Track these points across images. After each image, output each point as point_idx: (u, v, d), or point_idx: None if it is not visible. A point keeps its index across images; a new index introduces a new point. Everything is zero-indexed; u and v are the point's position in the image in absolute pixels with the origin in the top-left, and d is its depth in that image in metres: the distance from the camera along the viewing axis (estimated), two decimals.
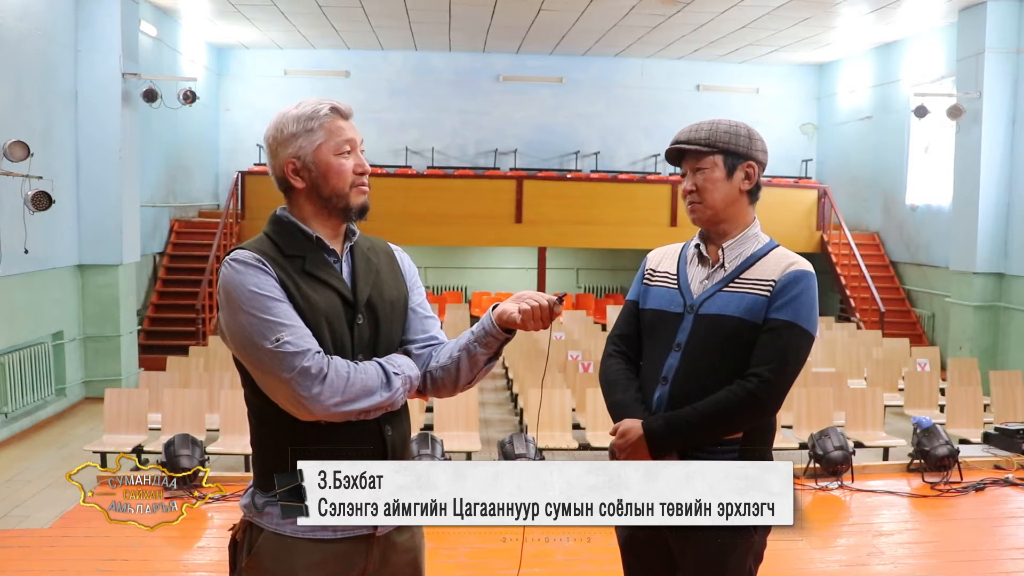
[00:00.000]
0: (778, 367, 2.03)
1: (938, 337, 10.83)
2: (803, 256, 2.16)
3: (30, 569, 4.47)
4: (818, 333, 2.12)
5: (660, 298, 2.22)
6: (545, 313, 1.79)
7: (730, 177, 2.14)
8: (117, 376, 8.63)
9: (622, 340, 2.29)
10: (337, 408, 1.72)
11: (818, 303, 2.11)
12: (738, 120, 2.20)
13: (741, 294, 2.09)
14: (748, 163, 2.15)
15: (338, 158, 1.80)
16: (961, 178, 9.95)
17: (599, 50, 13.25)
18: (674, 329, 2.15)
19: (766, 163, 2.20)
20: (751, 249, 2.15)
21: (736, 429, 2.07)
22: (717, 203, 2.15)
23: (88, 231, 8.56)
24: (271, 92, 13.25)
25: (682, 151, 2.19)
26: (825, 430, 6.04)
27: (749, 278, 2.11)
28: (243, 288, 1.72)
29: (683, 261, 2.24)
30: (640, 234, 11.93)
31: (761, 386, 2.02)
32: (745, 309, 2.07)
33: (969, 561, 4.73)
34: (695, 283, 2.17)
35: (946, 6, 9.88)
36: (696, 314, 2.12)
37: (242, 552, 1.82)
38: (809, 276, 2.09)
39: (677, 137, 2.21)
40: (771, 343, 2.04)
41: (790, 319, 2.04)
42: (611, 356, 2.28)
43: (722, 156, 2.14)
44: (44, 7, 7.85)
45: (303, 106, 1.82)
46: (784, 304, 2.05)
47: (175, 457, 5.56)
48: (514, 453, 5.75)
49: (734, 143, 2.14)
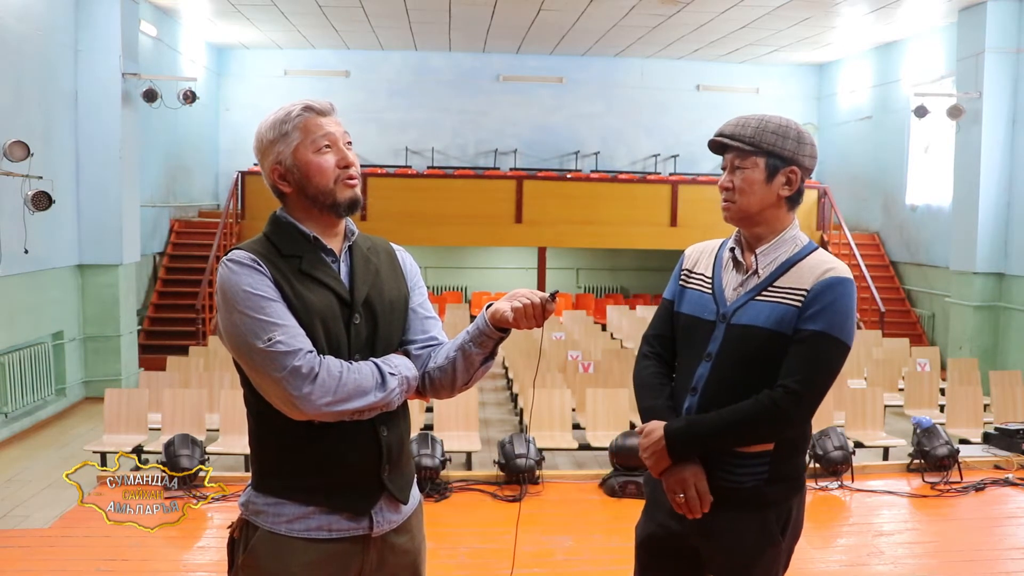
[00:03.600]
0: (806, 379, 1.95)
1: (938, 337, 10.83)
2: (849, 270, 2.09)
3: (30, 569, 4.47)
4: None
5: (694, 303, 2.15)
6: (538, 311, 1.77)
7: (770, 181, 2.04)
8: (117, 376, 8.63)
9: (658, 341, 2.23)
10: (328, 408, 1.71)
11: (855, 310, 2.01)
12: (789, 120, 2.08)
13: (773, 304, 2.01)
14: (791, 168, 2.05)
15: (317, 155, 1.79)
16: (961, 178, 9.94)
17: (599, 50, 13.25)
18: (706, 338, 2.09)
19: (813, 169, 2.10)
20: (786, 254, 2.06)
21: (760, 439, 2.01)
22: (751, 206, 2.06)
23: (88, 231, 8.56)
24: (271, 92, 13.25)
25: (724, 145, 2.09)
26: (825, 430, 6.04)
27: (782, 286, 2.02)
28: (237, 288, 1.72)
29: (719, 264, 2.16)
30: (640, 234, 11.94)
31: (787, 397, 1.94)
32: (776, 320, 2.00)
33: (969, 561, 4.73)
34: (729, 289, 2.10)
35: (946, 6, 9.87)
36: (728, 323, 2.06)
37: (239, 550, 1.82)
38: (845, 283, 1.99)
39: (722, 129, 2.10)
40: (800, 354, 1.96)
41: (822, 329, 1.95)
42: (646, 357, 2.23)
43: (765, 158, 2.04)
44: (44, 7, 7.85)
45: (279, 111, 1.81)
46: (816, 313, 1.96)
47: (175, 457, 5.56)
48: (514, 453, 5.75)
49: (780, 145, 2.03)
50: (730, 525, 2.04)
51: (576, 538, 4.94)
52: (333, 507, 1.79)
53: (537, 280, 12.55)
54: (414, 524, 1.93)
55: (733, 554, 2.06)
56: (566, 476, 6.09)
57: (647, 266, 14.54)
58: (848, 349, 2.00)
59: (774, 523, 2.05)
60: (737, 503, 2.03)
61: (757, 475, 2.03)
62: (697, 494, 2.01)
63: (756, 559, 2.05)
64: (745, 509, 2.04)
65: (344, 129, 1.85)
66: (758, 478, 2.03)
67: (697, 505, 2.02)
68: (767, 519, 2.05)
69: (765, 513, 2.04)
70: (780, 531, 2.07)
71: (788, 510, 2.08)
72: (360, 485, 1.81)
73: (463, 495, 5.69)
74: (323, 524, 1.79)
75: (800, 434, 2.09)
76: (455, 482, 5.82)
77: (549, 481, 5.92)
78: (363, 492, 1.81)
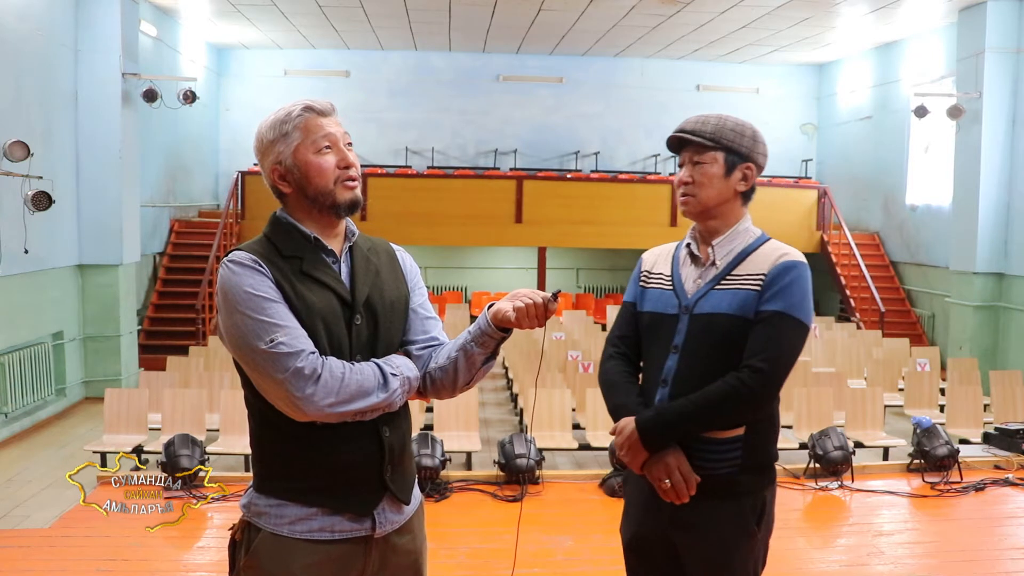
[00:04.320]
0: (770, 357, 2.00)
1: (938, 337, 10.83)
2: (804, 256, 2.15)
3: (30, 569, 4.47)
4: (813, 324, 2.13)
5: (656, 300, 2.21)
6: (540, 311, 1.78)
7: (728, 176, 2.13)
8: (117, 376, 8.63)
9: (622, 341, 2.28)
10: (331, 409, 1.71)
11: (811, 293, 2.08)
12: (745, 120, 2.18)
13: (733, 291, 2.08)
14: (747, 164, 2.14)
15: (317, 156, 1.78)
16: (961, 178, 9.94)
17: (599, 50, 13.25)
18: (671, 331, 2.14)
19: (764, 166, 2.20)
20: (742, 245, 2.15)
21: (731, 421, 2.06)
22: (710, 199, 2.14)
23: (88, 231, 8.56)
24: (271, 92, 13.25)
25: (684, 140, 2.16)
26: (825, 430, 6.04)
27: (740, 274, 2.10)
28: (239, 289, 1.72)
29: (676, 262, 2.23)
30: (640, 234, 11.93)
31: (753, 376, 2.00)
32: (737, 306, 2.06)
33: (969, 561, 4.73)
34: (689, 283, 2.17)
35: (946, 6, 9.87)
36: (691, 314, 2.12)
37: (240, 552, 1.82)
38: (800, 265, 2.08)
39: (682, 126, 2.18)
40: (763, 334, 2.02)
41: (780, 309, 2.03)
42: (611, 358, 2.27)
43: (724, 153, 2.12)
44: (44, 7, 7.85)
45: (279, 112, 1.81)
46: (774, 295, 2.04)
47: (175, 457, 5.56)
48: (514, 453, 5.75)
49: (738, 142, 2.13)
50: (706, 515, 2.08)
51: (576, 538, 4.94)
52: (336, 508, 1.78)
53: (537, 280, 12.55)
54: (415, 524, 1.93)
55: (710, 544, 2.09)
56: (566, 476, 6.09)
57: None
58: (807, 329, 2.07)
59: (749, 513, 2.10)
60: (712, 492, 2.06)
61: (731, 461, 2.07)
62: (682, 477, 2.05)
63: (733, 549, 2.09)
64: (720, 498, 2.07)
65: (344, 130, 1.84)
66: (732, 464, 2.07)
67: (684, 488, 2.05)
68: (742, 509, 2.09)
69: (740, 502, 2.09)
70: (756, 522, 2.11)
71: (762, 502, 2.12)
72: (362, 486, 1.81)
73: (463, 495, 5.69)
74: (326, 525, 1.78)
75: (768, 418, 2.13)
76: (455, 482, 5.82)
77: (549, 481, 5.92)
78: (365, 493, 1.81)
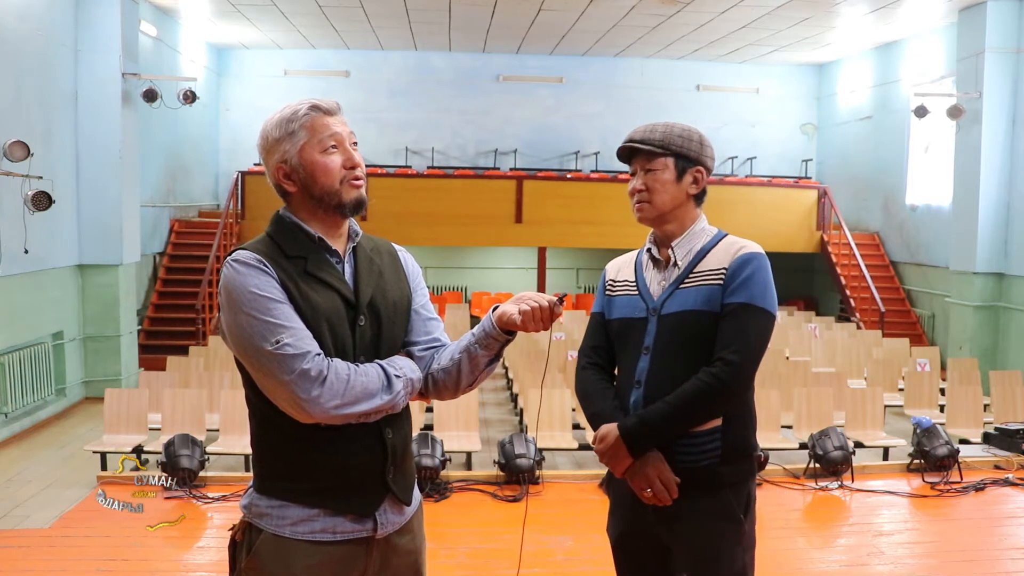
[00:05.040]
0: (739, 348, 2.05)
1: (938, 337, 10.83)
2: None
3: (30, 569, 4.47)
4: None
5: (624, 306, 2.25)
6: (545, 314, 1.78)
7: (679, 180, 2.19)
8: (117, 376, 8.63)
9: (595, 352, 2.31)
10: (337, 411, 1.70)
11: (772, 281, 2.13)
12: (691, 125, 2.25)
13: (698, 287, 2.13)
14: (697, 168, 2.20)
15: (323, 155, 1.78)
16: (961, 178, 9.94)
17: (599, 50, 13.25)
18: (641, 333, 2.18)
19: (713, 169, 2.26)
20: (700, 243, 2.20)
21: (709, 416, 2.09)
22: (665, 204, 2.19)
23: (88, 231, 8.56)
24: (271, 92, 13.24)
25: (634, 150, 2.22)
26: (825, 430, 6.04)
27: (702, 270, 2.15)
28: (244, 289, 1.71)
29: (639, 267, 2.29)
30: (640, 234, 11.55)
31: (725, 369, 2.04)
32: (703, 301, 2.11)
33: (969, 561, 4.73)
34: (653, 285, 2.22)
35: (946, 6, 9.88)
36: (659, 315, 2.16)
37: (241, 553, 1.81)
38: (759, 257, 2.13)
39: (631, 136, 2.24)
40: (730, 326, 2.07)
41: (745, 300, 2.07)
42: (585, 368, 2.31)
43: (674, 159, 2.19)
44: (44, 7, 7.84)
45: (285, 110, 1.81)
46: (737, 287, 2.08)
47: (175, 457, 5.56)
48: (514, 453, 5.75)
49: (686, 147, 2.19)
50: (692, 509, 2.11)
51: (576, 538, 4.93)
52: (338, 509, 1.78)
53: (537, 280, 12.55)
54: (415, 524, 1.94)
55: (698, 537, 2.12)
56: (566, 476, 6.09)
57: None
58: (773, 317, 2.13)
59: (734, 505, 2.12)
60: (695, 485, 2.09)
61: (710, 453, 2.10)
62: (663, 484, 2.08)
63: (720, 540, 2.11)
64: (703, 491, 2.10)
65: (350, 129, 1.85)
66: (711, 456, 2.10)
67: (665, 495, 2.09)
68: (726, 500, 2.12)
69: (723, 494, 2.11)
70: (742, 512, 2.14)
71: (747, 494, 2.16)
72: (365, 487, 1.81)
73: (463, 495, 5.69)
74: (328, 526, 1.78)
75: (745, 408, 2.17)
76: (455, 482, 5.82)
77: (549, 481, 5.92)
78: (368, 494, 1.81)
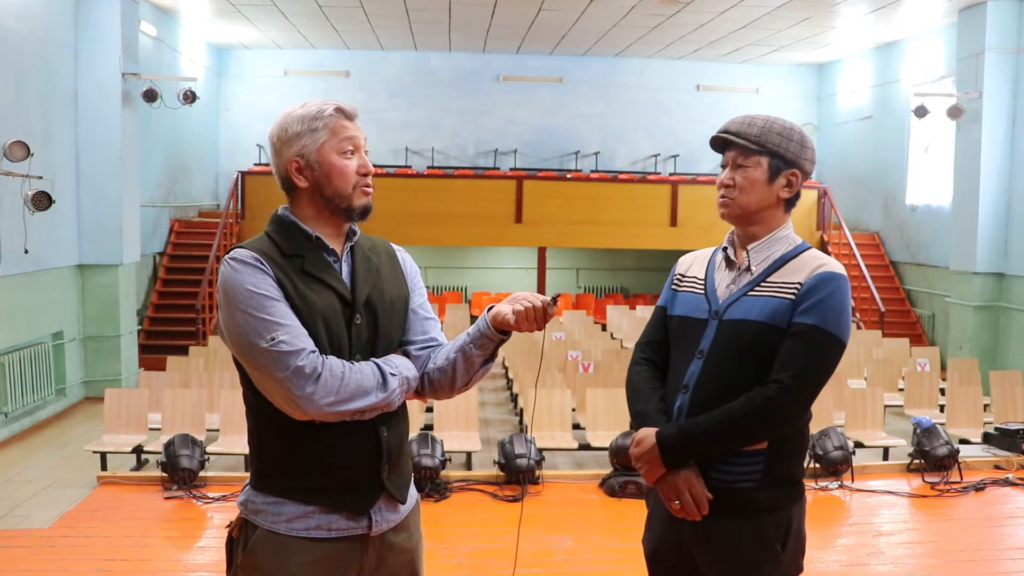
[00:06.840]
0: (799, 373, 1.90)
1: (938, 337, 10.83)
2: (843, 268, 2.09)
3: (30, 569, 4.47)
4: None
5: (687, 304, 2.13)
6: (539, 314, 1.78)
7: (771, 181, 2.04)
8: (117, 376, 8.63)
9: (650, 347, 2.20)
10: (331, 408, 1.71)
11: (850, 307, 1.99)
12: (793, 123, 2.08)
13: (766, 298, 1.99)
14: (793, 171, 2.05)
15: (341, 158, 1.80)
16: (961, 178, 9.94)
17: (599, 50, 13.25)
18: (698, 336, 2.06)
19: (811, 173, 2.11)
20: (780, 251, 2.05)
21: (754, 439, 1.96)
22: (750, 204, 2.05)
23: (88, 231, 8.56)
24: (271, 92, 13.27)
25: (728, 141, 2.07)
26: (825, 430, 6.04)
27: (775, 281, 2.00)
28: (240, 287, 1.73)
29: (711, 266, 2.15)
30: (640, 234, 11.94)
31: (780, 393, 1.90)
32: (769, 313, 1.97)
33: (969, 561, 4.73)
34: (721, 288, 2.08)
35: (946, 6, 9.88)
36: (720, 320, 2.03)
37: (238, 549, 1.82)
38: (839, 278, 1.97)
39: (727, 126, 2.08)
40: (794, 348, 1.92)
41: (815, 323, 1.92)
42: (637, 363, 2.20)
43: (768, 158, 2.03)
44: (44, 7, 7.85)
45: (308, 106, 1.82)
46: (810, 307, 1.93)
47: (175, 457, 5.57)
48: (514, 453, 5.75)
49: (784, 147, 2.03)
50: (726, 532, 1.98)
51: (576, 538, 4.93)
52: (333, 507, 1.79)
53: (537, 280, 12.55)
54: (411, 523, 1.94)
55: (728, 562, 1.99)
56: (566, 476, 6.09)
57: (647, 266, 14.55)
58: (843, 345, 1.97)
59: (771, 533, 1.98)
60: (730, 507, 1.97)
61: (750, 476, 1.97)
62: (693, 498, 1.97)
63: (751, 570, 1.98)
64: (740, 515, 1.97)
65: (364, 135, 1.86)
66: (751, 479, 1.97)
67: (694, 509, 1.97)
68: (763, 527, 1.98)
69: (760, 520, 1.98)
70: (780, 543, 1.99)
71: (788, 520, 2.00)
72: (360, 485, 1.81)
73: (463, 495, 5.69)
74: (323, 523, 1.79)
75: (796, 434, 2.03)
76: (455, 482, 5.82)
77: (549, 481, 5.92)
78: (363, 492, 1.82)
